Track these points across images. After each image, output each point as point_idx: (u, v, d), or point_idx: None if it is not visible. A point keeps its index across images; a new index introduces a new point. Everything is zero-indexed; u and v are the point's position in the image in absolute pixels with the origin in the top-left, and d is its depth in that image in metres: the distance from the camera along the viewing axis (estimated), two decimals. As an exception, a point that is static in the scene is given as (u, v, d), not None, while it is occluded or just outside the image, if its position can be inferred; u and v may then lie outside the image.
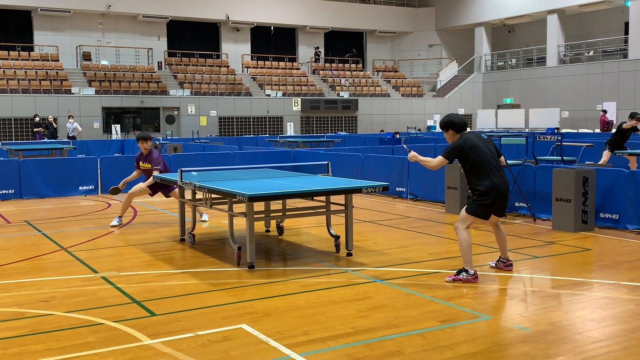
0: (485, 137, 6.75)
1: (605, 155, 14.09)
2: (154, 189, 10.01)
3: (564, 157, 12.14)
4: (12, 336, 4.97)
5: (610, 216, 9.35)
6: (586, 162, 13.94)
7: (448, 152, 6.49)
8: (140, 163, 10.06)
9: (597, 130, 29.12)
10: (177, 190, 9.88)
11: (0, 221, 10.71)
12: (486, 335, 4.93)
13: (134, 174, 10.34)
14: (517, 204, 10.59)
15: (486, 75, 39.25)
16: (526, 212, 10.38)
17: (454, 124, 6.59)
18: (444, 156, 6.50)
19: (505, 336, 4.93)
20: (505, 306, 5.78)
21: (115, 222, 9.99)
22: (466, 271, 6.39)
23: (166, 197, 10.26)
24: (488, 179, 6.35)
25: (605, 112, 29.91)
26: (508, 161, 10.06)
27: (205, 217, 10.28)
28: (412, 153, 6.66)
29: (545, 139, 11.93)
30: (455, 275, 6.43)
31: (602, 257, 7.66)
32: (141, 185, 9.85)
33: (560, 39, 34.92)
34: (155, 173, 9.61)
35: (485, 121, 34.95)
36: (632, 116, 14.01)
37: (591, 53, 34.76)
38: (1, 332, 5.07)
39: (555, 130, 27.10)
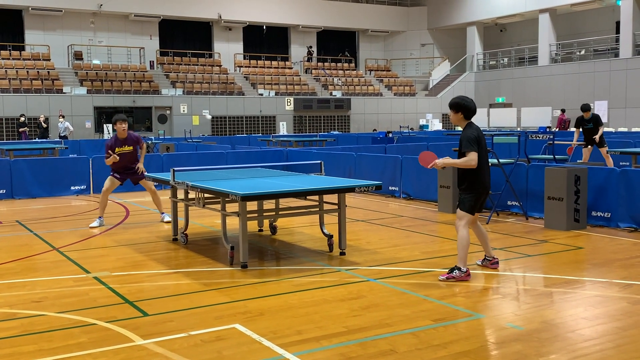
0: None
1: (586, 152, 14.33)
2: (122, 176, 9.99)
3: (556, 156, 12.19)
4: (3, 337, 4.94)
5: (602, 214, 9.38)
6: (578, 161, 14.00)
7: (473, 145, 6.24)
8: (117, 148, 9.87)
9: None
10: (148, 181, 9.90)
11: (-8, 221, 10.65)
12: (479, 334, 4.94)
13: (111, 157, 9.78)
14: (509, 203, 10.61)
15: (478, 75, 39.34)
16: (518, 210, 10.40)
17: (467, 108, 6.43)
18: (474, 150, 6.25)
19: (498, 335, 4.94)
20: (497, 305, 5.79)
21: (95, 224, 9.90)
22: (459, 269, 6.40)
23: (134, 184, 10.23)
24: (481, 175, 6.37)
25: (563, 111, 30.23)
26: (500, 160, 10.09)
27: (167, 217, 9.98)
28: (444, 162, 6.48)
29: (537, 138, 11.98)
30: (448, 273, 6.44)
31: (594, 256, 7.68)
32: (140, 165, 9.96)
33: (551, 38, 35.04)
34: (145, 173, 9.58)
35: (477, 120, 34.79)
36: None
37: (582, 52, 34.89)
38: (-8, 333, 5.05)
39: (547, 129, 27.20)
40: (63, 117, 27.00)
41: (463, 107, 6.44)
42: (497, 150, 10.44)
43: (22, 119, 26.89)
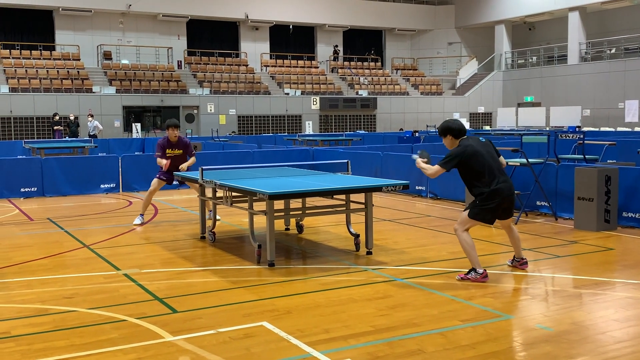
0: (484, 140, 6.67)
1: None
2: (169, 177, 10.02)
3: (586, 156, 12.02)
4: (36, 332, 5.03)
5: (634, 215, 9.24)
6: (608, 161, 13.78)
7: (446, 162, 6.38)
8: (168, 150, 9.99)
9: (620, 129, 28.79)
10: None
11: (24, 219, 10.85)
12: (508, 335, 4.91)
13: (165, 161, 9.88)
14: (538, 203, 10.51)
15: (506, 73, 38.96)
16: (548, 211, 10.29)
17: (452, 129, 6.53)
18: (442, 166, 6.39)
19: (527, 335, 4.90)
20: (526, 305, 5.74)
21: (137, 221, 10.04)
22: (475, 270, 6.38)
23: (180, 184, 10.28)
24: (491, 184, 6.30)
25: None
26: (529, 160, 9.99)
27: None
28: (417, 160, 6.64)
29: (567, 138, 11.83)
30: (465, 274, 6.43)
31: (625, 257, 7.58)
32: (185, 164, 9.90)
33: (581, 37, 34.57)
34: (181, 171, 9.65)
35: (505, 119, 34.68)
36: None
37: (613, 51, 34.36)
38: (25, 328, 5.14)
39: (577, 129, 26.83)
40: (92, 116, 27.37)
41: (447, 129, 6.55)
42: (526, 150, 10.34)
43: (57, 117, 27.36)
